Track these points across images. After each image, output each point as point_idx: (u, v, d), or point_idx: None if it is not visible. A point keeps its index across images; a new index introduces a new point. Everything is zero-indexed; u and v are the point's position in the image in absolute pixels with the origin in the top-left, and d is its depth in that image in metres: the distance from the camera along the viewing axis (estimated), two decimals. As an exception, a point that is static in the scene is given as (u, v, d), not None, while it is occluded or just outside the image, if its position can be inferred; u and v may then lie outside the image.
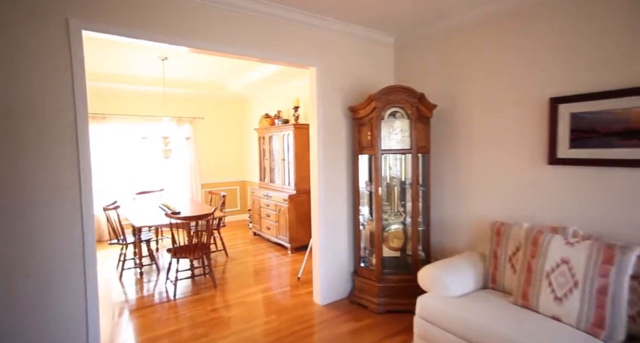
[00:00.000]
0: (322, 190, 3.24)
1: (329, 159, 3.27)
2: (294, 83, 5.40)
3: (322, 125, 3.21)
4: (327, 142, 3.25)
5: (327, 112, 3.24)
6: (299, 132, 4.96)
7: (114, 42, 3.79)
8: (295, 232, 4.94)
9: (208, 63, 4.66)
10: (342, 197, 3.38)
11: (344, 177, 3.37)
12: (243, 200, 7.30)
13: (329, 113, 3.25)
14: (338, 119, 3.31)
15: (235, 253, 5.00)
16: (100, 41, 3.64)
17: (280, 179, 5.35)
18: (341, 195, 3.37)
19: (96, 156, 5.64)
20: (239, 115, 7.23)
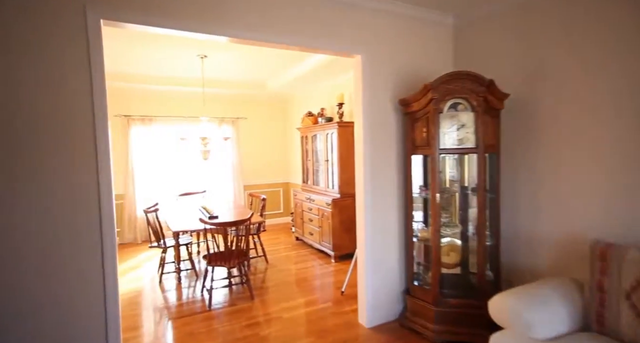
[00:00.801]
0: (369, 195, 2.83)
1: (376, 159, 2.85)
2: (338, 78, 5.03)
3: (368, 122, 2.80)
4: (374, 140, 2.83)
5: (374, 107, 2.82)
6: (344, 131, 4.58)
7: (154, 40, 3.75)
8: (339, 239, 4.56)
9: (247, 60, 4.46)
10: (392, 203, 2.94)
11: (394, 180, 2.93)
12: (286, 203, 7.08)
13: (377, 108, 2.83)
14: (387, 114, 2.88)
15: (276, 259, 4.74)
16: (139, 40, 3.56)
17: (324, 182, 5.00)
18: (391, 201, 2.93)
19: (143, 158, 5.72)
20: (282, 114, 7.02)
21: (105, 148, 1.95)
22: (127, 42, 3.65)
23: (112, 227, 1.99)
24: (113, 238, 2.00)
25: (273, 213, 6.96)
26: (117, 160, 5.65)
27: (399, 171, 2.94)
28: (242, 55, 4.24)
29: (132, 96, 5.69)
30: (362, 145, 2.80)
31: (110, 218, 1.99)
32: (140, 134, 5.67)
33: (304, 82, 5.38)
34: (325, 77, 5.08)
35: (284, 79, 5.34)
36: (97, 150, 1.93)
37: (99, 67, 1.91)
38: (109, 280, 2.00)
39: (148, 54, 4.09)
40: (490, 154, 2.55)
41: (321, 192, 5.01)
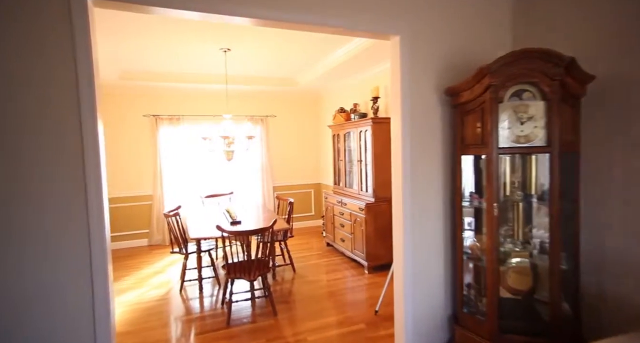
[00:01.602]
0: (408, 201, 2.37)
1: (417, 160, 2.38)
2: (372, 70, 4.58)
3: (408, 116, 2.34)
4: (415, 138, 2.37)
5: (415, 99, 2.36)
6: (379, 128, 4.12)
7: (176, 33, 3.51)
8: (374, 248, 4.11)
9: (273, 54, 4.13)
10: (436, 211, 2.46)
11: (438, 185, 2.45)
12: (317, 205, 6.72)
13: (418, 99, 2.37)
14: (430, 106, 2.40)
15: (304, 268, 4.38)
16: (160, 35, 3.33)
17: (357, 184, 4.57)
18: (435, 209, 2.45)
19: (171, 159, 5.60)
20: (313, 111, 6.66)
21: (93, 149, 1.66)
22: (148, 38, 3.45)
23: (102, 242, 1.70)
24: (104, 257, 1.70)
25: (303, 216, 6.63)
26: (145, 161, 5.58)
27: (444, 174, 2.46)
28: (267, 48, 3.91)
29: (160, 95, 5.59)
30: (401, 143, 2.35)
31: (101, 230, 1.69)
32: (168, 134, 5.56)
33: (335, 76, 4.97)
34: (358, 69, 4.64)
35: (313, 74, 4.97)
36: (84, 152, 1.65)
37: (85, 56, 1.62)
38: (100, 312, 1.69)
39: (171, 50, 3.88)
40: (567, 152, 2.00)
41: (354, 196, 4.59)
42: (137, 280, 4.13)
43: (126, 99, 5.45)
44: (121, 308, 3.37)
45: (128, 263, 4.73)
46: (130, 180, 5.53)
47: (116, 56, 4.13)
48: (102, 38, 3.55)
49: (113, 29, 3.36)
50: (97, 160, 1.66)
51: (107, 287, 1.69)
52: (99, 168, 1.67)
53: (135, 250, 5.38)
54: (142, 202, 5.59)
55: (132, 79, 4.81)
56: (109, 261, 1.73)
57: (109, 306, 1.70)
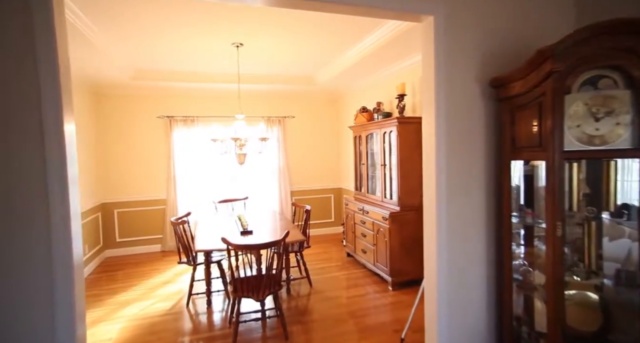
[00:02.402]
0: (443, 214, 1.97)
1: (454, 165, 1.98)
2: (398, 65, 4.16)
3: (443, 113, 1.94)
4: (451, 139, 1.96)
5: (452, 92, 1.96)
6: (405, 129, 3.71)
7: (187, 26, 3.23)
8: (399, 263, 3.69)
9: (289, 49, 3.80)
10: (477, 227, 2.04)
11: (480, 195, 2.03)
12: (338, 211, 6.34)
13: (456, 92, 1.96)
14: (471, 101, 1.99)
15: (322, 281, 4.01)
16: (170, 31, 3.07)
17: (380, 190, 4.17)
18: (475, 224, 2.04)
19: (185, 161, 5.38)
20: (333, 111, 6.30)
21: (58, 159, 1.36)
22: (158, 34, 3.21)
23: (67, 267, 1.39)
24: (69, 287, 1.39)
25: (323, 223, 6.27)
26: (159, 164, 5.40)
27: (488, 183, 2.03)
28: (282, 43, 3.59)
29: (173, 96, 5.39)
30: (434, 146, 1.95)
31: (66, 254, 1.39)
32: (182, 135, 5.35)
33: (356, 73, 4.59)
34: (382, 65, 4.24)
35: (333, 71, 4.61)
36: (46, 163, 1.35)
37: (47, 52, 1.33)
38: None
39: (181, 46, 3.63)
40: (658, 158, 1.54)
41: (377, 203, 4.18)
42: (145, 290, 3.90)
43: (138, 100, 5.28)
44: (123, 323, 3.13)
45: (139, 271, 4.53)
46: (143, 184, 5.35)
47: (127, 55, 3.94)
48: (112, 37, 3.37)
49: (122, 28, 3.16)
50: (62, 173, 1.36)
51: (73, 324, 1.39)
52: (65, 180, 1.37)
53: (148, 256, 5.19)
54: (155, 206, 5.40)
55: (144, 79, 4.62)
56: (77, 291, 1.43)
57: None
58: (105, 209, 5.18)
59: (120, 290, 3.91)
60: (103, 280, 4.26)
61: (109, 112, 5.17)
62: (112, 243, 5.25)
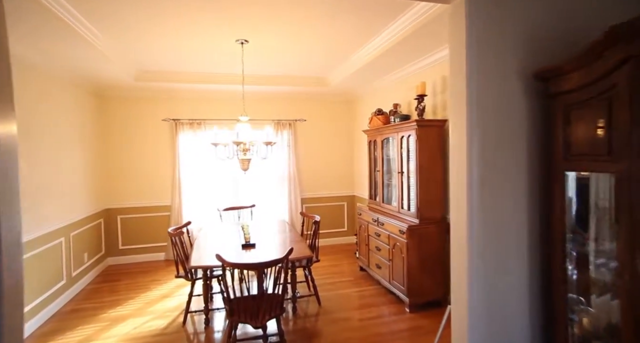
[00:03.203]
0: (476, 235, 1.61)
1: (491, 177, 1.62)
2: (417, 63, 3.81)
3: (476, 113, 1.59)
4: (487, 145, 1.61)
5: (487, 88, 1.60)
6: (426, 133, 3.35)
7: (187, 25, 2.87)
8: (417, 282, 3.31)
9: (298, 47, 3.51)
10: (519, 253, 1.67)
11: (522, 213, 1.66)
12: (350, 220, 5.98)
13: (492, 88, 1.61)
14: (511, 98, 1.63)
15: (332, 299, 3.66)
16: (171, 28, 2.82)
17: (397, 200, 3.80)
18: (516, 248, 1.66)
19: (190, 166, 5.15)
20: (347, 114, 5.97)
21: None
22: (160, 33, 2.98)
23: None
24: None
25: (334, 232, 5.92)
26: (164, 169, 5.18)
27: (531, 198, 1.66)
28: (290, 40, 3.30)
29: (178, 98, 5.18)
30: (466, 152, 1.59)
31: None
32: (188, 139, 5.12)
33: (371, 73, 4.26)
34: (399, 63, 3.89)
35: (346, 71, 4.30)
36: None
37: None
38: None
39: (185, 45, 3.38)
40: None
41: (393, 214, 3.82)
42: (141, 304, 3.64)
43: (143, 102, 5.09)
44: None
45: (138, 282, 4.28)
46: (148, 189, 5.14)
47: (129, 56, 3.75)
48: (112, 38, 3.19)
49: (121, 27, 2.98)
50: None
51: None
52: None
53: (150, 265, 4.95)
54: (160, 212, 5.18)
55: (148, 80, 4.42)
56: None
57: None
58: (108, 215, 4.99)
59: (116, 303, 3.66)
60: (100, 291, 4.03)
61: (113, 115, 4.99)
62: (114, 251, 5.05)
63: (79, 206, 4.19)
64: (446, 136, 3.43)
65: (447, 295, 3.39)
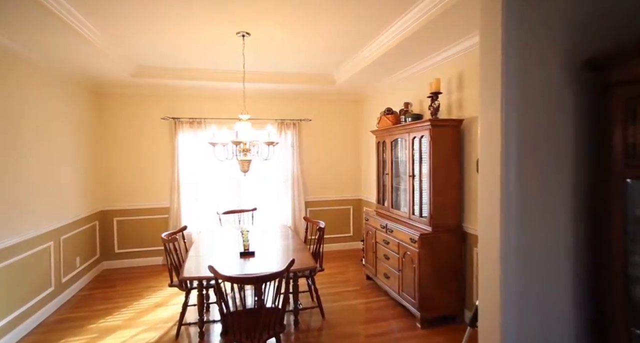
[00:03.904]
0: (510, 256, 1.35)
1: (530, 185, 1.35)
2: (431, 59, 3.55)
3: (514, 109, 1.33)
4: (525, 145, 1.35)
5: (526, 78, 1.35)
6: (440, 133, 3.09)
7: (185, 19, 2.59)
8: (429, 295, 3.05)
9: (303, 41, 3.27)
10: (563, 286, 1.40)
11: (565, 226, 1.39)
12: (357, 224, 5.72)
13: (531, 79, 1.35)
14: (554, 90, 1.37)
15: (337, 312, 3.40)
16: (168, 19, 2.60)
17: (407, 206, 3.54)
18: (560, 279, 1.40)
19: (190, 167, 4.92)
20: (354, 114, 5.71)
21: None
22: (158, 25, 2.76)
23: None
24: None
25: (340, 237, 5.67)
26: (163, 169, 4.97)
27: (575, 209, 1.40)
28: (294, 33, 3.07)
29: (179, 96, 4.96)
30: (500, 155, 1.34)
31: None
32: (188, 139, 4.90)
33: (381, 69, 4.01)
34: (411, 59, 3.64)
35: (353, 67, 4.05)
36: None
37: None
38: None
39: (184, 38, 3.16)
40: None
41: (403, 221, 3.56)
42: (133, 313, 3.41)
43: (141, 100, 4.87)
44: (97, 360, 2.63)
45: (132, 288, 4.06)
46: (146, 191, 4.92)
47: (126, 50, 3.55)
48: (107, 32, 3.03)
49: (116, 20, 2.81)
50: None
51: None
52: None
53: (147, 270, 4.73)
54: (158, 215, 4.96)
55: (146, 76, 4.21)
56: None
57: None
58: (104, 217, 4.78)
59: (106, 312, 3.44)
60: (91, 299, 3.80)
61: (110, 112, 4.79)
62: (110, 255, 4.84)
63: (72, 208, 3.97)
64: (463, 137, 3.18)
65: (463, 310, 3.13)
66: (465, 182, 3.17)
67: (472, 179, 3.08)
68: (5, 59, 2.91)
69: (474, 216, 3.06)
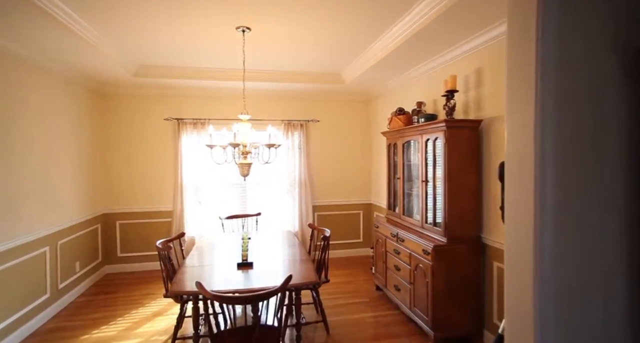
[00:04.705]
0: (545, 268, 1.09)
1: (569, 193, 1.09)
2: (445, 55, 3.29)
3: (551, 105, 1.08)
4: (564, 148, 1.09)
5: (567, 70, 1.09)
6: (456, 135, 2.82)
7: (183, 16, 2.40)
8: (444, 312, 2.78)
9: (307, 37, 3.06)
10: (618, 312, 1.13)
11: (613, 241, 1.13)
12: (367, 230, 5.47)
13: (574, 71, 1.09)
14: (602, 83, 1.11)
15: (343, 326, 3.17)
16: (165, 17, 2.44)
17: (420, 213, 3.27)
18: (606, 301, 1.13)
19: (194, 169, 4.77)
20: (363, 115, 5.46)
21: None
22: (154, 21, 2.59)
23: None
24: None
25: (349, 243, 5.42)
26: (166, 172, 4.83)
27: (630, 226, 1.13)
28: (297, 28, 2.86)
29: (182, 96, 4.82)
30: (535, 160, 1.08)
31: None
32: (192, 141, 4.75)
33: (391, 67, 3.76)
34: (424, 55, 3.38)
35: (363, 65, 3.82)
36: None
37: None
38: None
39: (182, 37, 3.00)
40: None
41: (415, 229, 3.29)
42: (129, 323, 3.25)
43: (144, 100, 4.75)
44: (85, 376, 2.47)
45: (131, 295, 3.92)
46: (149, 194, 4.80)
47: (125, 49, 3.44)
48: (105, 31, 2.91)
49: (113, 18, 2.68)
50: None
51: None
52: None
53: (149, 274, 4.59)
54: (161, 218, 4.83)
55: (148, 76, 4.08)
56: None
57: None
58: (106, 220, 4.67)
59: (101, 321, 3.29)
60: (89, 306, 3.67)
61: (112, 113, 4.68)
62: (112, 259, 4.72)
63: (71, 211, 3.86)
64: (481, 139, 2.90)
65: (482, 331, 2.85)
66: (485, 188, 2.89)
67: (492, 185, 2.80)
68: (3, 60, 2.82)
69: (494, 226, 2.77)
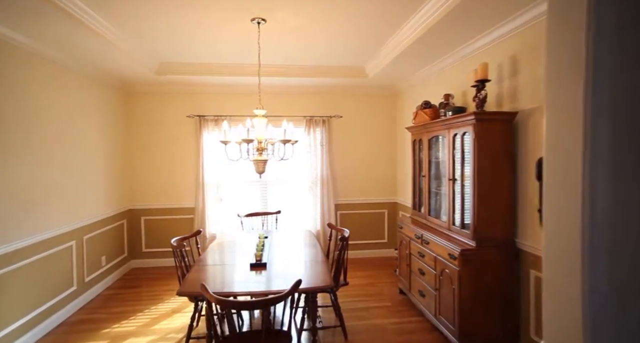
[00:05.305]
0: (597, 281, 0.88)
1: (627, 194, 0.88)
2: (474, 43, 3.02)
3: (606, 97, 0.86)
4: (621, 146, 0.87)
5: (625, 51, 0.86)
6: (487, 129, 2.57)
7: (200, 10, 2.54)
8: (472, 322, 2.55)
9: (325, 28, 2.90)
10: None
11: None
12: (392, 230, 5.24)
13: (631, 56, 0.87)
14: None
15: (362, 332, 3.01)
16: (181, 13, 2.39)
17: (447, 213, 3.04)
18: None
19: (215, 166, 4.76)
20: (388, 109, 5.22)
21: None
22: (173, 19, 2.55)
23: None
24: None
25: (373, 243, 5.23)
26: (188, 169, 4.86)
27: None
28: (315, 18, 2.72)
29: (203, 93, 4.82)
30: (583, 160, 0.88)
31: None
32: (213, 137, 4.74)
33: (416, 57, 3.53)
34: (450, 44, 3.13)
35: (386, 57, 3.61)
36: None
37: None
38: None
39: (201, 31, 2.94)
40: None
41: (441, 231, 3.07)
42: (148, 319, 3.27)
43: (166, 97, 4.79)
44: (100, 372, 2.48)
45: (152, 291, 3.96)
46: (173, 190, 4.85)
47: (147, 48, 3.51)
48: (127, 31, 2.98)
49: (133, 18, 2.74)
50: None
51: None
52: None
53: (172, 270, 4.63)
54: (184, 215, 4.87)
55: (169, 73, 4.09)
56: None
57: None
58: (131, 216, 4.77)
59: (122, 316, 3.33)
60: (113, 299, 3.75)
61: (137, 111, 4.76)
62: (138, 254, 4.83)
63: (97, 207, 3.95)
64: (516, 133, 2.63)
65: (514, 344, 2.59)
66: (520, 187, 2.62)
67: (529, 184, 2.52)
68: (30, 60, 2.90)
69: (531, 230, 2.50)
